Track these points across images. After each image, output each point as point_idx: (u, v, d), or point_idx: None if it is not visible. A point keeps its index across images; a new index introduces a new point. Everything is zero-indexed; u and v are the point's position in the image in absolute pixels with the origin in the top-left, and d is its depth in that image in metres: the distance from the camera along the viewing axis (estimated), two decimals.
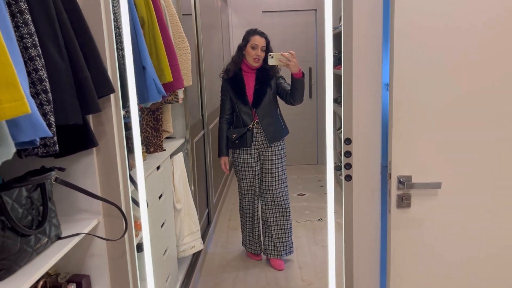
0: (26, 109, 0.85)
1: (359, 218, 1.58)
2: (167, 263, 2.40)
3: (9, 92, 0.83)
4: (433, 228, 1.49)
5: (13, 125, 0.91)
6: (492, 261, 1.51)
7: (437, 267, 1.52)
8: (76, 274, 1.55)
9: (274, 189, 3.04)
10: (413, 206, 1.48)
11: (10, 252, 1.11)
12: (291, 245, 3.17)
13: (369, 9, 1.46)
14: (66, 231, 1.38)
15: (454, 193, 1.46)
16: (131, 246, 1.59)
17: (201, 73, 3.45)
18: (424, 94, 1.41)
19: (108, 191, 1.51)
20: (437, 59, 1.39)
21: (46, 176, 1.23)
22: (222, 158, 3.06)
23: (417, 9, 1.36)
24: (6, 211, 1.10)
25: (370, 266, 1.62)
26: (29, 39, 1.10)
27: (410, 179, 1.45)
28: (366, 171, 1.54)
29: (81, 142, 1.39)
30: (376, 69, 1.50)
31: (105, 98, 1.45)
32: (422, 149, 1.44)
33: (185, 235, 2.73)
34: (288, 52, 2.63)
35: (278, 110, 2.99)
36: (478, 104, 1.41)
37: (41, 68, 1.12)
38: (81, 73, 1.30)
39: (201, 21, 3.48)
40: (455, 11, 1.36)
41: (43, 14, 1.19)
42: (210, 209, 3.73)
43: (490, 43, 1.37)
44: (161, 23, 2.16)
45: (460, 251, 1.51)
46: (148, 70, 1.93)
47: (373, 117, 1.52)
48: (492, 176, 1.45)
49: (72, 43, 1.29)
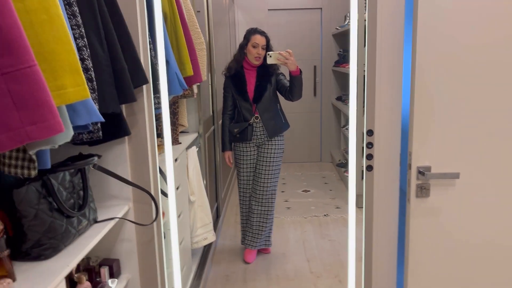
0: (87, 94, 0.92)
1: (379, 207, 1.65)
2: (182, 253, 2.46)
3: (73, 78, 0.89)
4: (451, 217, 1.56)
5: (71, 109, 0.97)
6: (509, 250, 1.58)
7: (454, 255, 1.59)
8: (106, 258, 1.61)
9: (266, 182, 3.12)
10: (431, 195, 1.55)
11: (57, 232, 1.17)
12: (268, 239, 3.27)
13: (391, 2, 1.53)
14: (100, 216, 1.44)
15: (472, 184, 1.53)
16: (158, 232, 1.65)
17: (212, 70, 3.51)
18: (444, 88, 1.48)
19: (138, 178, 1.57)
20: (458, 55, 1.46)
21: (89, 161, 1.29)
22: (226, 152, 3.15)
23: (440, 6, 1.43)
24: (54, 193, 1.16)
25: (388, 255, 1.69)
26: (76, 30, 1.16)
27: (429, 169, 1.52)
28: (387, 161, 1.61)
29: (116, 130, 1.45)
30: (397, 63, 1.56)
31: (138, 88, 1.51)
32: (441, 141, 1.51)
33: (198, 226, 2.79)
34: (285, 51, 2.75)
35: (279, 105, 3.10)
36: (497, 97, 1.48)
37: (87, 58, 1.18)
38: (119, 63, 1.36)
39: (213, 18, 3.54)
40: (477, 10, 1.43)
41: (87, 6, 1.25)
42: (219, 203, 3.80)
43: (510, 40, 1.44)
44: (182, 19, 2.22)
45: (477, 239, 1.58)
46: (171, 64, 1.99)
47: (393, 110, 1.58)
48: (509, 168, 1.52)
49: (111, 35, 1.35)
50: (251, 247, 3.22)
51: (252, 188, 3.19)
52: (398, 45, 1.56)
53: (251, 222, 3.20)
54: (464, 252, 1.59)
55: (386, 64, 1.55)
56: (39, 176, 1.14)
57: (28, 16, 0.82)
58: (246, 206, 3.25)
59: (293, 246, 3.46)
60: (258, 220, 3.18)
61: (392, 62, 1.57)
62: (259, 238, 3.20)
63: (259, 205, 3.16)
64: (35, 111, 0.75)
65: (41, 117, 0.75)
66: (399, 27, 1.55)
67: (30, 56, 0.73)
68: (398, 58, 1.57)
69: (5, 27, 0.70)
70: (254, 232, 3.20)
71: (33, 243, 1.14)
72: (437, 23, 1.44)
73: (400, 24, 1.55)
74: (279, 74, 3.06)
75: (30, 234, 1.13)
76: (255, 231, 3.20)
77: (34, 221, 1.13)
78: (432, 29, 1.44)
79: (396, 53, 1.57)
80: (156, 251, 1.64)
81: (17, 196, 1.10)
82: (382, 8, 1.55)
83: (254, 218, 3.18)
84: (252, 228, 3.20)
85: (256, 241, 3.21)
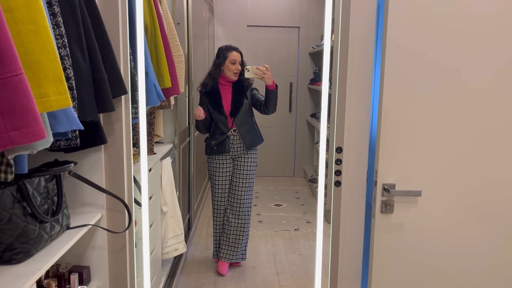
0: (69, 102, 0.95)
1: (346, 221, 1.72)
2: (153, 263, 2.46)
3: (56, 86, 0.92)
4: (413, 232, 1.64)
5: (52, 116, 1.00)
6: (467, 266, 1.67)
7: (416, 269, 1.67)
8: (76, 265, 1.61)
9: (243, 195, 3.18)
10: (395, 211, 1.63)
11: (30, 236, 1.18)
12: (244, 252, 3.31)
13: (364, 27, 1.62)
14: (73, 223, 1.45)
15: (433, 201, 1.62)
16: (130, 241, 1.67)
17: (190, 82, 3.56)
18: (408, 110, 1.57)
19: (113, 186, 1.60)
20: (423, 79, 1.56)
21: (65, 168, 1.31)
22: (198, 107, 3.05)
23: (407, 33, 1.53)
24: (29, 198, 1.18)
25: (353, 267, 1.76)
26: (60, 40, 1.19)
27: (394, 186, 1.61)
28: (354, 178, 1.69)
29: (93, 138, 1.47)
30: (366, 84, 1.65)
31: (117, 98, 1.54)
32: (406, 160, 1.60)
33: (169, 237, 2.80)
34: (263, 66, 2.86)
35: (254, 119, 3.19)
36: (458, 120, 1.58)
37: (69, 67, 1.21)
38: (99, 73, 1.39)
39: (192, 31, 3.60)
40: (440, 37, 1.54)
41: (71, 17, 1.28)
42: (191, 214, 3.80)
43: (474, 59, 1.55)
44: (162, 31, 2.27)
45: (437, 255, 1.66)
46: (150, 75, 2.02)
47: (362, 128, 1.67)
48: (469, 188, 1.62)
49: (93, 45, 1.38)
50: (226, 260, 3.24)
51: (229, 201, 3.22)
52: (368, 67, 1.66)
53: (227, 235, 3.22)
54: (426, 267, 1.68)
55: (356, 84, 1.64)
56: (14, 181, 1.15)
57: (16, 26, 0.86)
58: (221, 219, 3.27)
59: (263, 259, 3.50)
60: (234, 233, 3.21)
61: (362, 83, 1.66)
62: (235, 251, 3.22)
63: (236, 218, 3.19)
64: (19, 117, 0.78)
65: (25, 123, 0.78)
66: (370, 50, 1.65)
67: (17, 65, 0.77)
68: (368, 79, 1.66)
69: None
70: (230, 245, 3.22)
71: (5, 247, 1.15)
72: (406, 45, 1.54)
73: (371, 47, 1.65)
74: (253, 89, 3.17)
75: (3, 237, 1.14)
76: (232, 243, 3.22)
77: (7, 225, 1.14)
78: (400, 53, 1.54)
79: (366, 75, 1.66)
80: (127, 260, 1.66)
81: None
82: (354, 32, 1.64)
83: (231, 230, 3.21)
84: (229, 241, 3.22)
85: (232, 253, 3.22)
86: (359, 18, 1.62)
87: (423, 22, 1.52)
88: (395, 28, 1.52)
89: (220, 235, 3.29)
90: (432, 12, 1.52)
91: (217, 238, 3.31)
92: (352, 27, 1.62)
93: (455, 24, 1.53)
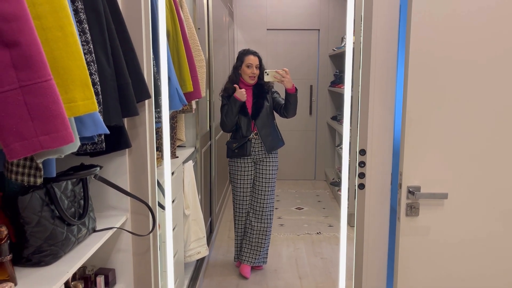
0: (95, 107, 0.97)
1: (370, 225, 1.69)
2: (176, 266, 2.48)
3: (83, 91, 0.94)
4: (439, 235, 1.61)
5: (78, 121, 1.02)
6: (494, 269, 1.63)
7: (442, 273, 1.63)
8: (102, 268, 1.63)
9: (265, 199, 3.18)
10: (420, 214, 1.60)
11: (58, 239, 1.21)
12: (266, 256, 3.31)
13: (386, 28, 1.60)
14: (99, 226, 1.48)
15: (460, 204, 1.59)
16: (154, 244, 1.68)
17: (211, 86, 3.58)
18: (434, 112, 1.54)
19: (137, 190, 1.62)
20: (449, 79, 1.53)
21: (92, 171, 1.33)
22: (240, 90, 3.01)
23: (431, 34, 1.50)
24: (57, 201, 1.20)
25: (378, 271, 1.73)
26: (85, 46, 1.22)
27: (419, 189, 1.58)
28: (378, 180, 1.67)
29: (117, 142, 1.50)
30: (389, 85, 1.63)
31: (140, 103, 1.56)
32: (431, 162, 1.57)
33: (191, 240, 2.82)
34: (282, 69, 2.86)
35: (275, 122, 3.19)
36: (485, 121, 1.55)
37: (94, 73, 1.23)
38: (123, 78, 1.41)
39: (213, 36, 3.63)
40: (467, 36, 1.51)
41: (96, 24, 1.31)
42: (212, 218, 3.82)
43: (499, 61, 1.52)
44: (184, 36, 2.29)
45: (464, 259, 1.62)
46: (172, 80, 2.05)
47: (386, 130, 1.65)
48: (496, 189, 1.58)
49: (117, 51, 1.41)
50: (249, 263, 3.23)
51: (251, 205, 3.23)
52: (391, 67, 1.64)
53: (250, 238, 3.22)
54: (453, 272, 1.64)
55: (379, 86, 1.62)
56: (42, 184, 1.18)
57: (44, 33, 0.88)
58: (242, 222, 3.28)
59: (285, 263, 3.48)
60: (257, 236, 3.21)
61: (385, 84, 1.64)
62: (258, 254, 3.22)
63: (259, 221, 3.19)
64: (48, 122, 0.80)
65: (54, 127, 0.80)
66: (393, 50, 1.63)
67: (46, 70, 0.79)
68: (391, 80, 1.64)
69: (25, 43, 0.76)
70: (252, 248, 3.22)
71: (34, 249, 1.17)
72: (429, 47, 1.51)
73: (394, 47, 1.63)
74: (274, 92, 3.17)
75: (32, 240, 1.17)
76: (254, 247, 3.22)
77: (36, 228, 1.17)
78: (424, 53, 1.52)
79: (390, 76, 1.64)
80: (152, 263, 1.67)
81: (21, 203, 1.14)
82: (377, 32, 1.62)
83: (254, 234, 3.21)
84: (251, 244, 3.22)
85: (255, 257, 3.22)
86: (381, 18, 1.61)
87: (448, 21, 1.50)
88: (418, 29, 1.50)
89: (242, 238, 3.30)
90: (457, 11, 1.49)
91: (239, 242, 3.31)
92: (374, 28, 1.61)
93: (481, 23, 1.50)
